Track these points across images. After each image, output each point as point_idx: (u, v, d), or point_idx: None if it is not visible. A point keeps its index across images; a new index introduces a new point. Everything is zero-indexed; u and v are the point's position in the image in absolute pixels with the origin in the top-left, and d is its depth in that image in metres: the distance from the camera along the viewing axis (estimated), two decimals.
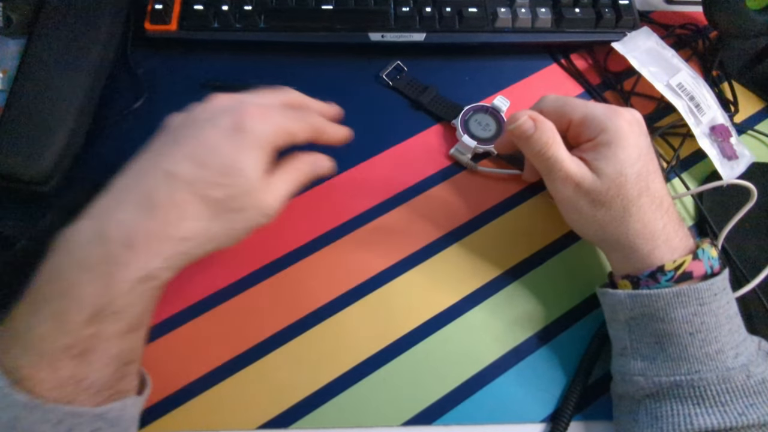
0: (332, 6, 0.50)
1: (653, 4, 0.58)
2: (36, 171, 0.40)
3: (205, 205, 0.30)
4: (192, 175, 0.30)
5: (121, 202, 0.30)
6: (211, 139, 0.31)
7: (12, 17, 0.45)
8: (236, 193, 0.31)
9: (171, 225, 0.29)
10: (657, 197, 0.35)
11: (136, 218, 0.29)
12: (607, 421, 0.39)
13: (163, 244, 0.29)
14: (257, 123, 0.32)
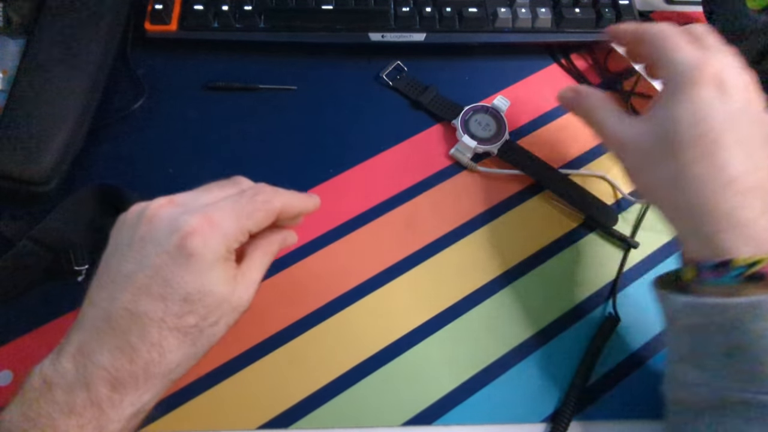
0: (332, 6, 0.50)
1: (653, 4, 0.58)
2: (36, 171, 0.40)
3: (182, 335, 0.28)
4: (158, 313, 0.28)
5: (100, 344, 0.28)
6: (161, 269, 0.28)
7: (12, 17, 0.45)
8: (209, 312, 0.29)
9: (154, 364, 0.28)
10: (726, 173, 0.30)
11: (117, 364, 0.27)
12: (608, 421, 0.39)
13: (149, 382, 0.28)
14: (204, 241, 0.28)
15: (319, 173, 0.46)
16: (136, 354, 0.27)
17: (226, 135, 0.48)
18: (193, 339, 0.29)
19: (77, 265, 0.40)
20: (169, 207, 0.30)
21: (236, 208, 0.30)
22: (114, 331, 0.28)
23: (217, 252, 0.29)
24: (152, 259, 0.28)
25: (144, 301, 0.28)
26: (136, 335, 0.28)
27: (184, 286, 0.28)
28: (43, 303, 0.40)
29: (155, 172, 0.46)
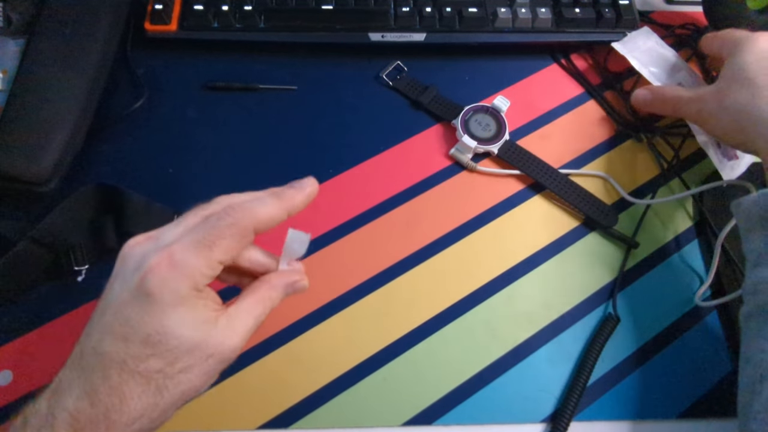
0: (332, 6, 0.50)
1: (653, 4, 0.58)
2: (36, 171, 0.40)
3: (145, 380, 0.26)
4: (120, 353, 0.26)
5: (69, 384, 0.26)
6: (122, 308, 0.27)
7: (12, 17, 0.45)
8: (175, 357, 0.26)
9: (115, 410, 0.25)
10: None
11: (80, 406, 0.26)
12: (608, 421, 0.39)
13: (110, 430, 0.26)
14: (162, 280, 0.26)
15: (319, 173, 0.46)
16: (97, 397, 0.25)
17: (226, 135, 0.48)
18: (158, 387, 0.26)
19: (77, 265, 0.40)
20: (145, 243, 0.28)
21: (196, 239, 0.27)
22: (83, 371, 0.26)
23: (178, 291, 0.26)
24: (117, 297, 0.27)
25: (107, 340, 0.26)
26: (99, 377, 0.26)
27: (144, 327, 0.26)
28: (43, 303, 0.40)
29: (155, 172, 0.46)
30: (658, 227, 0.46)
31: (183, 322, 0.26)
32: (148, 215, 0.42)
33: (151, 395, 0.26)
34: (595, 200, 0.46)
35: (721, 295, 0.42)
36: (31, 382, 0.38)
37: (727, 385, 0.41)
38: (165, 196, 0.43)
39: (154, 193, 0.43)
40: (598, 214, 0.45)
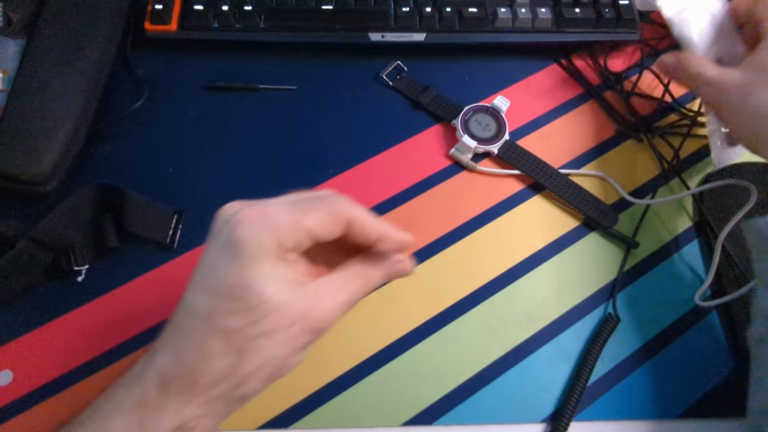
0: (332, 6, 0.50)
1: (653, 4, 0.57)
2: (36, 171, 0.40)
3: (226, 339, 0.25)
4: (205, 307, 0.25)
5: (163, 341, 0.27)
6: (212, 260, 0.27)
7: (12, 17, 0.45)
8: (256, 318, 0.25)
9: (196, 369, 0.25)
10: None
11: (166, 362, 0.25)
12: (607, 421, 0.39)
13: (193, 389, 0.25)
14: (251, 230, 0.26)
15: (319, 173, 0.46)
16: (182, 354, 0.25)
17: (226, 135, 0.48)
18: (239, 349, 0.25)
19: (77, 265, 0.40)
20: (239, 203, 0.28)
21: (295, 203, 0.27)
22: (174, 328, 0.27)
23: (264, 244, 0.25)
24: (208, 252, 0.27)
25: (197, 294, 0.26)
26: (186, 333, 0.26)
27: (228, 279, 0.25)
28: (43, 303, 0.40)
29: (155, 172, 0.46)
30: (658, 227, 0.46)
31: (266, 277, 0.25)
32: (148, 215, 0.42)
33: (232, 356, 0.25)
34: (595, 200, 0.46)
35: (721, 295, 0.42)
36: (31, 382, 0.38)
37: (727, 385, 0.41)
38: (165, 196, 0.44)
39: (154, 193, 0.43)
40: (598, 214, 0.45)
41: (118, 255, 0.42)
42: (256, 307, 0.25)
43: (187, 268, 0.42)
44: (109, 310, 0.40)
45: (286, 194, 0.29)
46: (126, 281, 0.41)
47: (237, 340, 0.25)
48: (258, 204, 0.27)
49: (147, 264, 0.42)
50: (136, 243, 0.42)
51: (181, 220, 0.43)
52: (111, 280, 0.41)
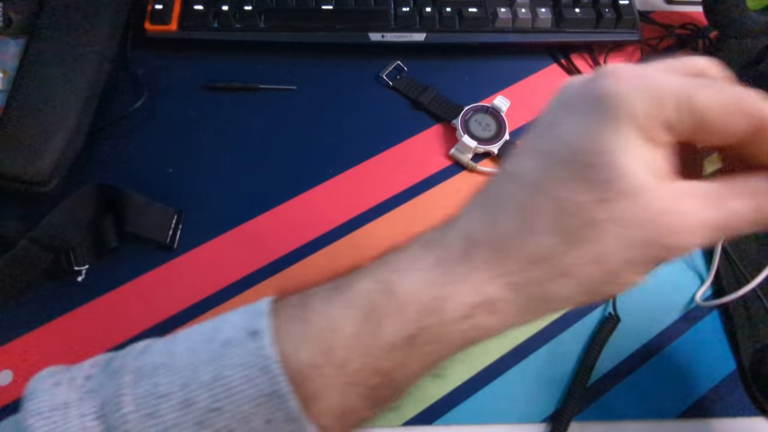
0: (332, 6, 0.50)
1: (653, 4, 0.58)
2: (36, 171, 0.40)
3: (558, 213, 0.20)
4: (538, 172, 0.20)
5: (471, 206, 0.22)
6: (552, 119, 0.21)
7: (12, 17, 0.45)
8: (604, 196, 0.19)
9: (513, 238, 0.20)
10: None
11: (476, 225, 0.21)
12: (607, 421, 0.39)
13: (503, 264, 0.20)
14: (623, 84, 0.19)
15: (319, 173, 0.46)
16: (497, 219, 0.21)
17: (226, 135, 0.48)
18: (570, 229, 0.19)
19: (77, 265, 0.40)
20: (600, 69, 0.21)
21: (685, 77, 0.20)
22: (485, 195, 0.22)
23: (638, 108, 0.19)
24: (548, 114, 0.22)
25: (525, 158, 0.21)
26: (504, 198, 0.21)
27: (578, 140, 0.20)
28: (43, 303, 0.40)
29: (155, 172, 0.46)
30: None
31: (631, 151, 0.19)
32: (148, 215, 0.42)
33: (558, 236, 0.20)
34: None
35: (721, 295, 0.42)
36: None
37: (727, 385, 0.41)
38: (165, 196, 0.44)
39: (154, 193, 0.43)
40: None
41: (118, 255, 0.42)
42: (608, 183, 0.19)
43: (187, 268, 0.42)
44: (109, 310, 0.40)
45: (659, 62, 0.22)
46: (126, 281, 0.41)
47: (571, 217, 0.19)
48: (631, 66, 0.21)
49: (147, 264, 0.42)
50: (136, 243, 0.42)
51: (181, 220, 0.43)
52: (111, 280, 0.41)
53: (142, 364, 0.21)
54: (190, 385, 0.20)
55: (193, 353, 0.21)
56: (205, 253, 0.43)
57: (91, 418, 0.20)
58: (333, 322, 0.20)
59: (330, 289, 0.22)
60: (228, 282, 0.42)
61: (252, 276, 0.42)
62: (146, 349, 0.22)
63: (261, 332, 0.20)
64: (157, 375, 0.20)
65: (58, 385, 0.21)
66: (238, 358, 0.20)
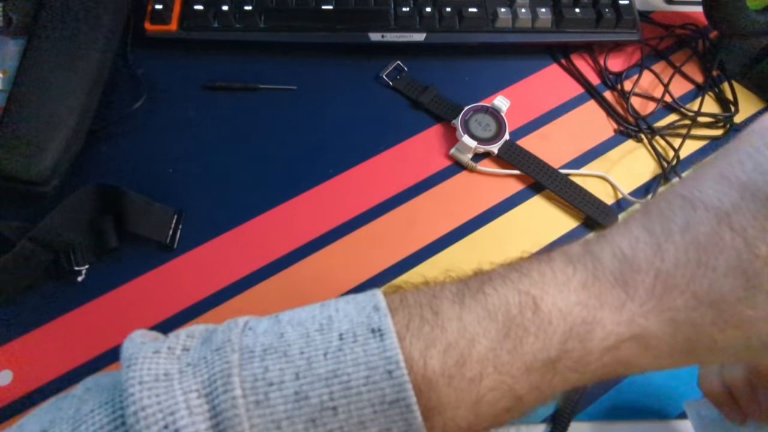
0: (332, 6, 0.50)
1: (653, 4, 0.58)
2: (36, 171, 0.40)
3: (742, 256, 0.18)
4: (727, 202, 0.18)
5: (628, 223, 0.20)
6: (751, 148, 0.19)
7: (12, 17, 0.45)
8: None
9: (683, 269, 0.18)
10: None
11: (641, 247, 0.19)
12: (608, 421, 0.39)
13: (669, 295, 0.18)
14: None
15: (319, 173, 0.46)
16: (668, 242, 0.18)
17: (226, 135, 0.48)
18: (760, 278, 0.17)
19: (77, 265, 0.40)
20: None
21: None
22: (651, 213, 0.20)
23: None
24: (760, 138, 0.19)
25: (715, 182, 0.19)
26: (680, 222, 0.19)
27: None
28: (43, 303, 0.40)
29: (155, 172, 0.46)
30: None
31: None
32: (148, 215, 0.42)
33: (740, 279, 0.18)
34: (595, 200, 0.46)
35: None
36: (31, 382, 0.38)
37: None
38: (165, 196, 0.44)
39: (154, 193, 0.43)
40: (598, 214, 0.45)
41: (118, 255, 0.42)
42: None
43: (187, 268, 0.42)
44: (109, 310, 0.40)
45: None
46: (126, 281, 0.41)
47: (759, 261, 0.17)
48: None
49: (147, 264, 0.42)
50: (136, 243, 0.42)
51: (181, 220, 0.43)
52: (111, 280, 0.41)
53: (251, 342, 0.19)
54: (306, 377, 0.18)
55: (306, 341, 0.19)
56: (205, 253, 0.43)
57: (195, 395, 0.18)
58: (469, 331, 0.19)
59: (459, 294, 0.20)
60: (228, 282, 0.42)
61: (252, 276, 0.42)
62: (251, 326, 0.20)
63: (385, 331, 0.19)
64: (267, 358, 0.19)
65: (158, 354, 0.19)
66: (360, 355, 0.18)
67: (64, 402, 0.20)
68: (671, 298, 0.18)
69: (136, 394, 0.18)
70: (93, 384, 0.20)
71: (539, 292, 0.19)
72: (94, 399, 0.19)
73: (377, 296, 0.20)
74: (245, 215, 0.44)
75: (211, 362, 0.19)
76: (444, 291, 0.20)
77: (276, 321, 0.20)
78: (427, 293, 0.20)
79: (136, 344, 0.20)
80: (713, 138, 0.50)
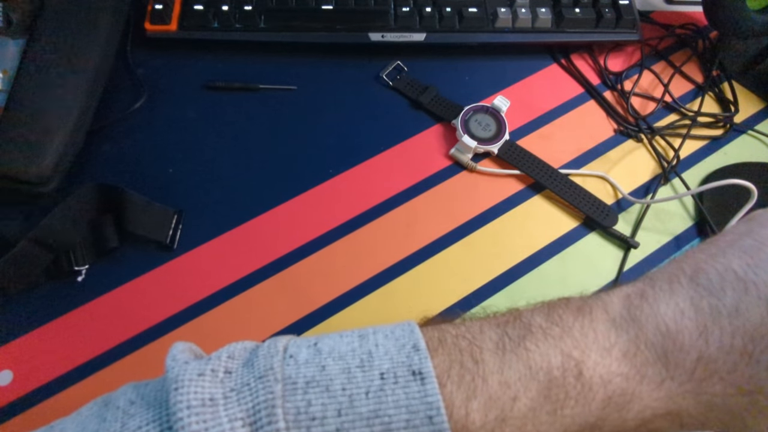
0: (332, 6, 0.50)
1: (653, 4, 0.58)
2: (36, 171, 0.40)
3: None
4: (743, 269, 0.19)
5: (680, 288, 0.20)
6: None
7: (12, 17, 0.45)
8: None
9: (726, 357, 0.18)
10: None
11: (686, 325, 0.19)
12: None
13: (710, 380, 0.19)
14: None
15: (319, 173, 0.46)
16: (714, 326, 0.19)
17: (226, 135, 0.48)
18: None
19: (77, 265, 0.40)
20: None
21: None
22: (699, 285, 0.20)
23: None
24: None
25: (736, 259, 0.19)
26: (730, 303, 0.19)
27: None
28: (43, 303, 0.40)
29: (155, 172, 0.46)
30: (658, 227, 0.46)
31: None
32: (148, 215, 0.42)
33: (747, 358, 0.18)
34: (595, 200, 0.46)
35: None
36: (31, 382, 0.38)
37: None
38: (165, 196, 0.44)
39: (154, 193, 0.43)
40: (598, 214, 0.45)
41: (118, 255, 0.42)
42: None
43: (187, 268, 0.42)
44: (109, 310, 0.40)
45: None
46: (126, 281, 0.41)
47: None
48: None
49: (147, 264, 0.42)
50: (136, 243, 0.42)
51: (181, 220, 0.43)
52: (111, 280, 0.41)
53: (294, 373, 0.19)
54: (348, 415, 0.19)
55: (348, 377, 0.19)
56: (205, 253, 0.43)
57: (240, 423, 0.18)
58: (511, 387, 0.19)
59: (500, 344, 0.20)
60: (228, 282, 0.42)
61: (252, 276, 0.42)
62: (291, 353, 0.20)
63: (426, 375, 0.19)
64: (310, 392, 0.19)
65: (202, 377, 0.20)
66: (401, 398, 0.19)
67: (107, 413, 0.20)
68: (711, 383, 0.18)
69: (184, 419, 0.18)
70: (136, 396, 0.21)
71: (582, 356, 0.19)
72: (141, 415, 0.20)
73: (416, 333, 0.20)
74: (245, 215, 0.44)
75: (255, 390, 0.19)
76: (484, 337, 0.20)
77: (317, 351, 0.20)
78: (466, 336, 0.20)
79: (180, 364, 0.20)
80: (713, 138, 0.51)
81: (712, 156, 0.50)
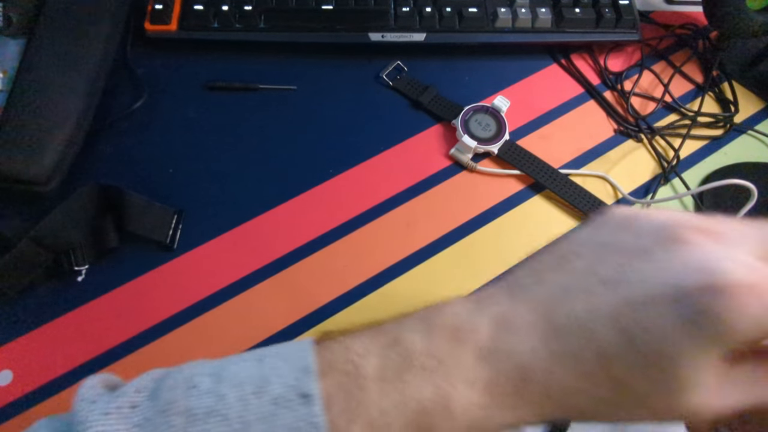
0: (332, 6, 0.50)
1: (653, 4, 0.58)
2: (36, 171, 0.40)
3: (608, 387, 0.20)
4: (613, 348, 0.20)
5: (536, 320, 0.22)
6: (649, 310, 0.20)
7: (12, 17, 0.45)
8: (657, 391, 0.20)
9: (556, 383, 0.21)
10: None
11: (539, 361, 0.21)
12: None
13: (551, 409, 0.21)
14: (737, 311, 0.18)
15: (319, 173, 0.46)
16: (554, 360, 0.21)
17: (226, 135, 0.48)
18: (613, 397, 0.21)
19: (77, 265, 0.40)
20: (705, 238, 0.20)
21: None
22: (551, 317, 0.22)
23: (737, 335, 0.18)
24: (646, 287, 0.20)
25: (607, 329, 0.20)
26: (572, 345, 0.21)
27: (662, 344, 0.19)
28: (43, 303, 0.40)
29: (155, 172, 0.46)
30: None
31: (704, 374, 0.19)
32: (148, 215, 0.42)
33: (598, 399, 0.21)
34: (595, 200, 0.46)
35: None
36: (31, 382, 0.38)
37: None
38: (165, 196, 0.44)
39: (154, 193, 0.43)
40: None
41: (118, 255, 0.42)
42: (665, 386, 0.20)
43: (187, 268, 0.42)
44: (109, 310, 0.40)
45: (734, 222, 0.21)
46: (126, 281, 0.41)
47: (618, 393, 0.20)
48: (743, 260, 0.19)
49: (147, 264, 0.42)
50: (136, 243, 0.42)
51: (181, 220, 0.43)
52: (111, 280, 0.41)
53: (193, 405, 0.21)
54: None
55: (243, 405, 0.21)
56: (205, 253, 0.43)
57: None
58: (388, 415, 0.21)
59: (383, 371, 0.22)
60: (228, 282, 0.42)
61: (252, 276, 0.42)
62: (194, 384, 0.22)
63: (312, 398, 0.21)
64: (210, 422, 0.20)
65: (107, 416, 0.21)
66: (290, 421, 0.20)
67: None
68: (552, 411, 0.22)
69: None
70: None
71: (451, 389, 0.21)
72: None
73: (308, 356, 0.22)
74: (245, 215, 0.44)
75: (157, 425, 0.21)
76: (368, 363, 0.22)
77: (218, 380, 0.22)
78: (353, 360, 0.22)
79: (87, 404, 0.22)
80: (713, 138, 0.51)
81: (712, 156, 0.50)
